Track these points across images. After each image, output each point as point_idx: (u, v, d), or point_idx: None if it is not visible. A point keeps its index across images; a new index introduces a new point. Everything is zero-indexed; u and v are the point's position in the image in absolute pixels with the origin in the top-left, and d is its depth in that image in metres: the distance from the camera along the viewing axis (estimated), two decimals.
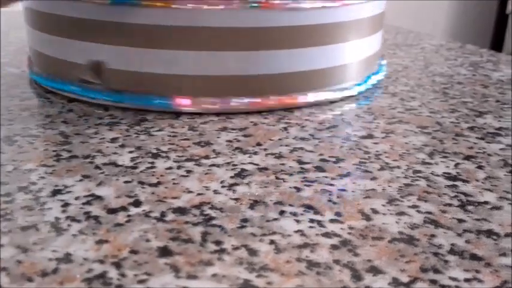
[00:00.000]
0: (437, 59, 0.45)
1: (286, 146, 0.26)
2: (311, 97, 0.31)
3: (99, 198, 0.21)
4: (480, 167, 0.24)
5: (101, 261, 0.17)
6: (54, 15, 0.30)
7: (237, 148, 0.26)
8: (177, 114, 0.30)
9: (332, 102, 0.32)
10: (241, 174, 0.23)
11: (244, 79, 0.29)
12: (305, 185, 0.22)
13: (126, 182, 0.22)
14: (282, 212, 0.20)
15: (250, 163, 0.24)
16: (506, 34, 1.61)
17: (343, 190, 0.22)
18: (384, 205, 0.21)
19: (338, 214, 0.20)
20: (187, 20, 0.28)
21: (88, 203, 0.20)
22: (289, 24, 0.29)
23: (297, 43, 0.29)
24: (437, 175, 0.23)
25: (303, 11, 0.29)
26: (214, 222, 0.19)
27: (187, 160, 0.24)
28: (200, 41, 0.28)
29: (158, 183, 0.22)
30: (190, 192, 0.21)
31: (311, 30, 0.29)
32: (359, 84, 0.34)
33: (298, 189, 0.22)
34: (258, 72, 0.29)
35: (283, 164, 0.24)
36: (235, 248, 0.18)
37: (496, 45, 1.65)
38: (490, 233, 0.19)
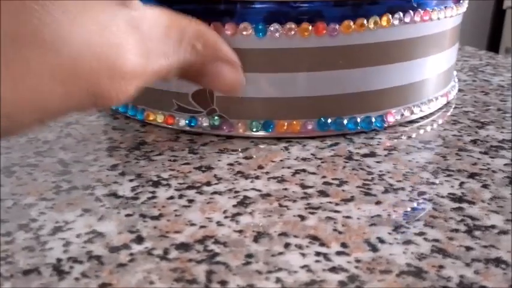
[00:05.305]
0: None
1: (288, 168, 0.26)
2: (391, 118, 0.30)
3: (100, 234, 0.20)
4: (485, 186, 0.24)
5: None
6: None
7: (238, 172, 0.25)
8: (177, 134, 0.29)
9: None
10: (244, 202, 0.23)
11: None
12: (309, 213, 0.22)
13: (127, 215, 0.22)
14: (287, 245, 0.20)
15: (252, 189, 0.24)
16: (503, 29, 1.60)
17: (348, 217, 0.21)
18: (390, 233, 0.20)
19: (344, 245, 0.20)
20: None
21: (89, 240, 0.20)
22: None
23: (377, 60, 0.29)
24: (443, 196, 0.23)
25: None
26: (218, 258, 0.19)
27: (189, 188, 0.24)
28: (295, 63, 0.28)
29: (160, 216, 0.22)
30: (192, 224, 0.21)
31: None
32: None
33: (302, 218, 0.21)
34: (345, 91, 0.29)
35: (285, 189, 0.24)
36: None
37: (493, 40, 1.65)
38: (498, 262, 0.19)
